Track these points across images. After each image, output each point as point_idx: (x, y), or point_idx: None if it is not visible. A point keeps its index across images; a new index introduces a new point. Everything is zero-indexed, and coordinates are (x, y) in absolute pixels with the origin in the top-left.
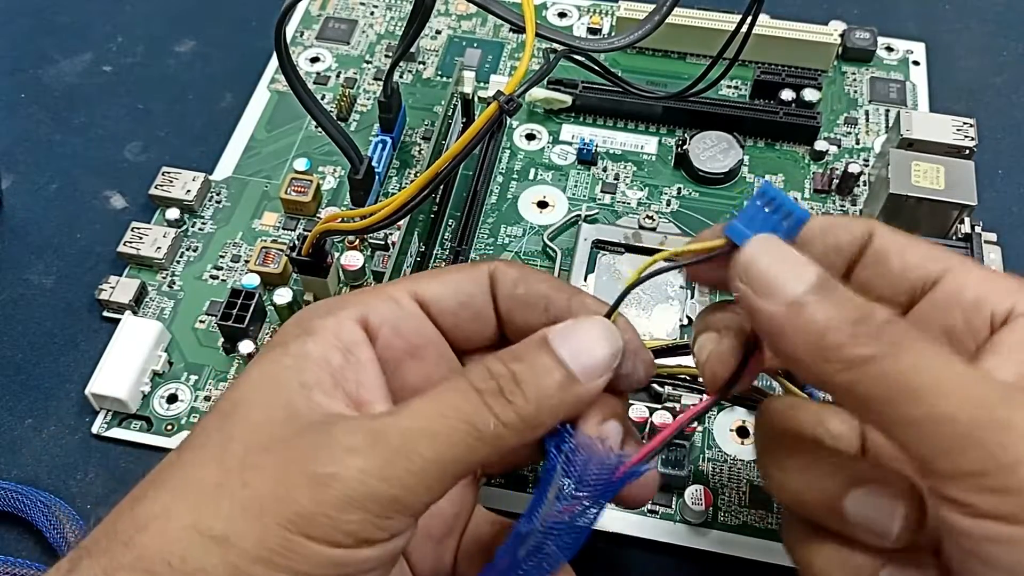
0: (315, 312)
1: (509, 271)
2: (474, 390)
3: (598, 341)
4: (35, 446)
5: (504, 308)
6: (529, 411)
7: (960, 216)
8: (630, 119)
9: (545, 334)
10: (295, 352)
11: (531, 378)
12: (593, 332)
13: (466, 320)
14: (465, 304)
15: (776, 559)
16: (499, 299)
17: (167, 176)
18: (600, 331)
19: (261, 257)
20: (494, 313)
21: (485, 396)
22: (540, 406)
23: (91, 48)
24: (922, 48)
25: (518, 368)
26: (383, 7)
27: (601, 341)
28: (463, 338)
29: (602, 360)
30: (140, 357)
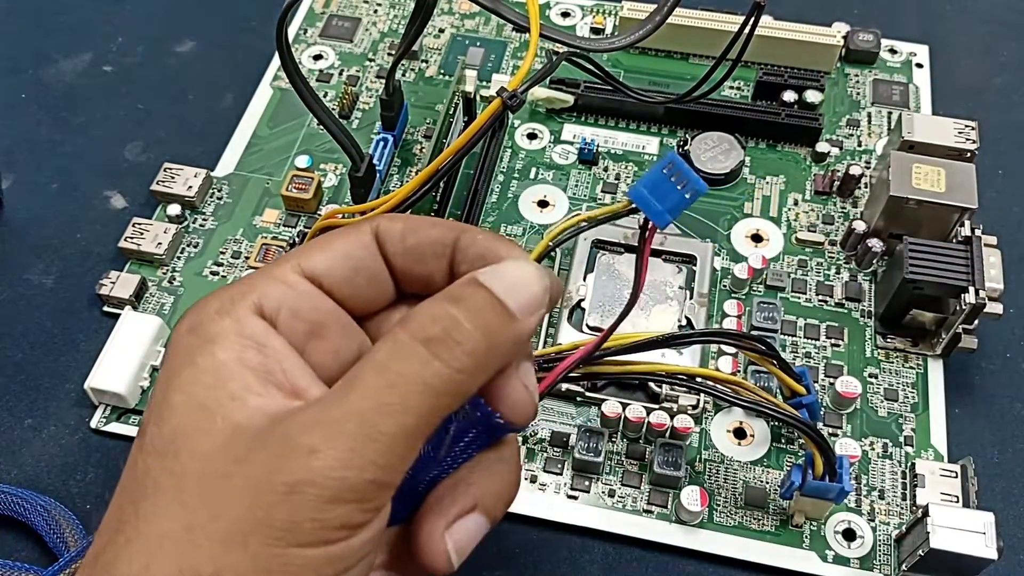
0: (205, 315)
1: (393, 225)
2: (418, 343)
3: (531, 277)
4: (35, 446)
5: (398, 264)
6: (480, 349)
7: (960, 219)
8: (632, 119)
9: (475, 276)
10: (207, 367)
11: (473, 317)
12: (524, 270)
13: (361, 286)
14: (357, 270)
15: (771, 560)
16: (390, 256)
17: (169, 172)
18: (530, 269)
19: (262, 254)
20: (388, 272)
21: (431, 346)
22: (489, 343)
23: (91, 48)
24: (926, 50)
25: (457, 310)
26: (386, 5)
27: (534, 277)
28: (362, 305)
29: (538, 295)
30: (140, 352)
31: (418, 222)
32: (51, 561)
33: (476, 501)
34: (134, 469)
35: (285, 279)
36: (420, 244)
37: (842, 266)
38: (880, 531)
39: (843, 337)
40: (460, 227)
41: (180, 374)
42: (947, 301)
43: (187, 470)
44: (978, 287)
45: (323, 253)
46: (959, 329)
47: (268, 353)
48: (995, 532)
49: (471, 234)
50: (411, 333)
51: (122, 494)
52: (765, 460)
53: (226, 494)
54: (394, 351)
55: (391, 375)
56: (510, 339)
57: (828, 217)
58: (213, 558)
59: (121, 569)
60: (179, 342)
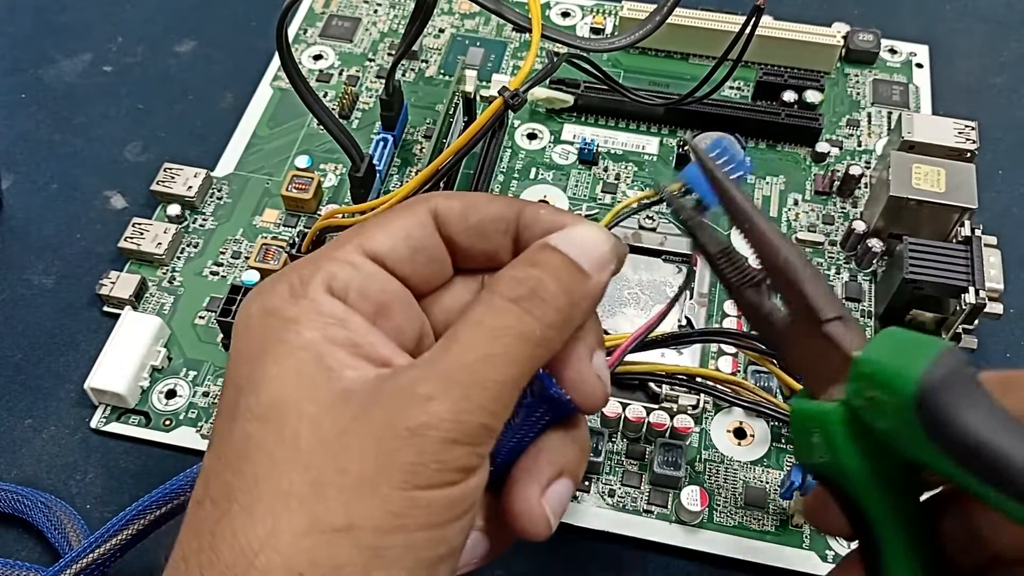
0: (277, 298)
1: (451, 203)
2: (510, 302)
3: (598, 238)
4: (35, 446)
5: (460, 241)
6: (563, 305)
7: (960, 219)
8: (631, 119)
9: (546, 241)
10: (298, 343)
11: (554, 276)
12: (589, 231)
13: (421, 265)
14: (417, 249)
15: (771, 560)
16: (452, 234)
17: (169, 172)
18: (595, 230)
19: (261, 254)
20: (446, 250)
21: (521, 304)
22: (571, 299)
23: (91, 48)
24: (925, 50)
25: (537, 272)
26: (386, 5)
27: (600, 238)
28: (421, 282)
29: (606, 253)
30: (139, 352)
31: (475, 199)
32: (53, 559)
33: (562, 467)
34: (229, 438)
35: (350, 260)
36: (483, 221)
37: (842, 266)
38: None
39: None
40: (519, 202)
41: (270, 351)
42: (947, 301)
43: (299, 432)
44: (978, 287)
45: (384, 233)
46: (959, 329)
47: (351, 328)
48: None
49: (533, 209)
50: (501, 294)
51: (219, 465)
52: (765, 460)
53: (349, 448)
54: (489, 310)
55: (491, 329)
56: (587, 295)
57: (828, 217)
58: (345, 508)
59: (247, 534)
60: (256, 324)
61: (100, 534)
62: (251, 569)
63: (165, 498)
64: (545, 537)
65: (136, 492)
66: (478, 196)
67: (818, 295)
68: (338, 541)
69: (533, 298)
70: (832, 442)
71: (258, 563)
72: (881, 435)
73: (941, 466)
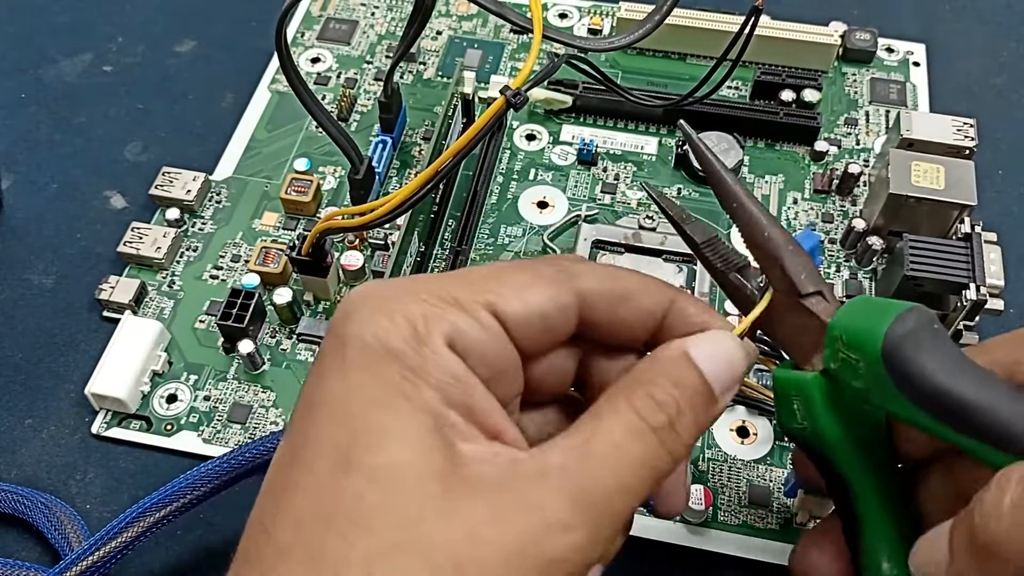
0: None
1: (602, 292)
2: (650, 430)
3: (737, 357)
4: (35, 446)
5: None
6: (691, 440)
7: (960, 216)
8: (630, 119)
9: (687, 352)
10: (418, 403)
11: (690, 404)
12: (730, 348)
13: (545, 341)
14: (547, 329)
15: (776, 559)
16: (591, 321)
17: (167, 176)
18: (736, 347)
19: (261, 257)
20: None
21: (659, 434)
22: (698, 432)
23: (91, 48)
24: (922, 49)
25: (678, 395)
26: (384, 8)
27: (739, 357)
28: (535, 352)
29: (738, 375)
30: (140, 357)
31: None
32: (53, 559)
33: None
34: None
35: (479, 316)
36: (632, 316)
37: (842, 264)
38: None
39: None
40: (673, 296)
41: (393, 405)
42: (948, 298)
43: (423, 517)
44: (979, 283)
45: (520, 303)
46: (960, 326)
47: (469, 392)
48: None
49: (683, 305)
50: (641, 416)
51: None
52: (768, 459)
53: (477, 559)
54: (630, 430)
55: (632, 457)
56: (711, 421)
57: (827, 215)
58: None
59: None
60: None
61: (102, 535)
62: None
63: (167, 500)
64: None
65: (136, 493)
66: (632, 281)
67: (798, 271)
68: None
69: (671, 431)
70: (811, 409)
71: None
72: (858, 395)
73: (913, 417)
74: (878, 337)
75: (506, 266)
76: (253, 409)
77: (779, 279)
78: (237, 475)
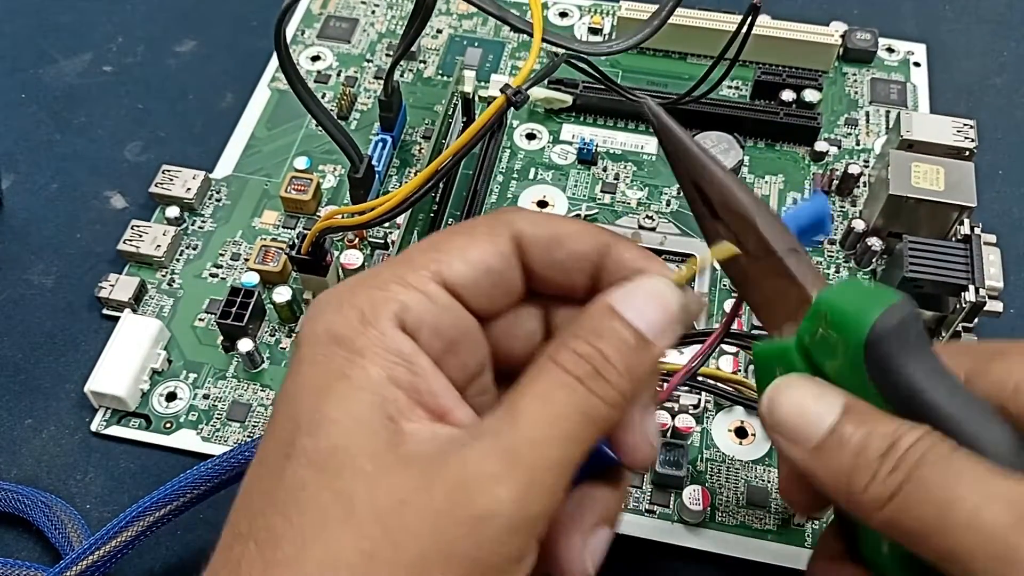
0: (346, 324)
1: (538, 233)
2: (575, 380)
3: (667, 298)
4: (35, 446)
5: (537, 272)
6: (625, 385)
7: (960, 217)
8: (630, 119)
9: (610, 304)
10: (362, 383)
11: (615, 352)
12: (659, 288)
13: (497, 296)
14: (496, 283)
15: (773, 559)
16: (531, 266)
17: (167, 174)
18: (663, 288)
19: (261, 255)
20: (521, 278)
21: (585, 382)
22: (632, 377)
23: (91, 48)
24: (923, 49)
25: (602, 345)
26: (384, 6)
27: (667, 298)
28: (491, 311)
29: (672, 316)
30: (139, 355)
31: (562, 228)
32: (53, 559)
33: (602, 516)
34: (281, 479)
35: (426, 289)
36: (567, 259)
37: (842, 265)
38: None
39: None
40: (608, 240)
41: (333, 387)
42: (947, 299)
43: (355, 492)
44: (978, 285)
45: (463, 262)
46: (959, 327)
47: (416, 372)
48: None
49: (620, 250)
50: (565, 368)
51: (268, 506)
52: (767, 459)
53: (406, 524)
54: (556, 384)
55: (558, 406)
56: (648, 365)
57: None
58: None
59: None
60: (322, 351)
61: (102, 534)
62: None
63: (166, 499)
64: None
65: (136, 492)
66: (566, 225)
67: (771, 231)
68: None
69: (597, 377)
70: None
71: None
72: (827, 373)
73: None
74: (865, 325)
75: (444, 233)
76: (252, 408)
77: (755, 243)
78: (236, 474)
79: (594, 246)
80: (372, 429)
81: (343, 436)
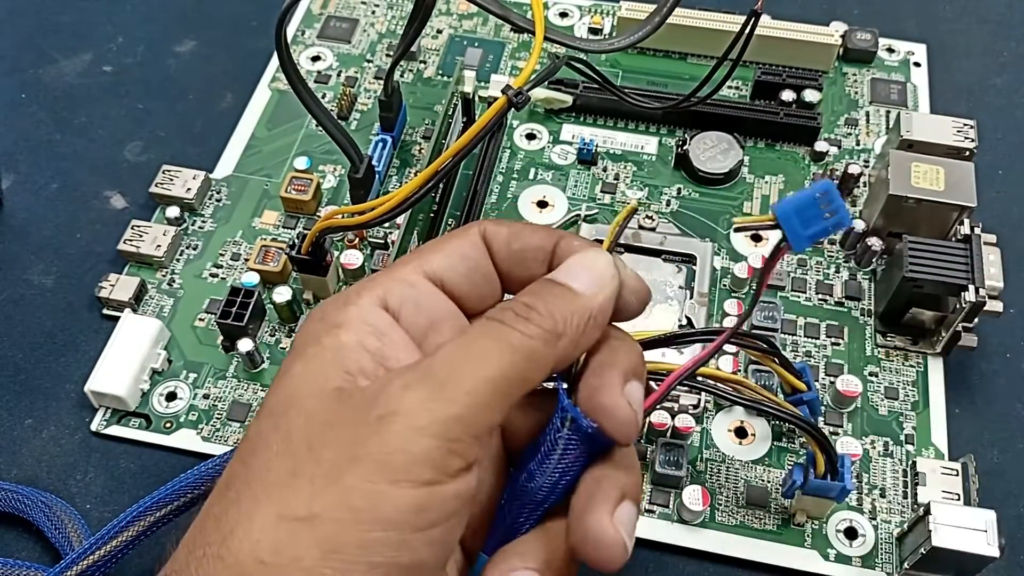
0: (334, 306)
1: (499, 229)
2: (495, 321)
3: (594, 260)
4: (35, 446)
5: (503, 266)
6: (546, 322)
7: (960, 217)
8: (630, 119)
9: (546, 276)
10: (330, 345)
11: (540, 300)
12: (588, 255)
13: (476, 285)
14: (472, 270)
15: (773, 559)
16: (496, 258)
17: (168, 174)
18: (594, 254)
19: (261, 255)
20: (496, 272)
21: (506, 322)
22: (554, 318)
23: (91, 48)
24: (923, 49)
25: (527, 299)
26: (384, 6)
27: (598, 261)
28: (474, 302)
29: (601, 272)
30: (139, 355)
31: (520, 228)
32: (54, 558)
33: (623, 491)
34: (247, 433)
35: (408, 279)
36: (523, 249)
37: (842, 265)
38: (882, 529)
39: (843, 336)
40: (559, 234)
41: (304, 351)
42: (947, 299)
43: (294, 425)
44: (978, 285)
45: (441, 254)
46: (959, 327)
47: (386, 342)
48: (996, 530)
49: (568, 241)
50: (491, 316)
51: (235, 456)
52: (766, 459)
53: (327, 438)
54: (479, 325)
55: (474, 336)
56: (578, 310)
57: None
58: (310, 499)
59: (229, 515)
60: (308, 328)
61: (103, 534)
62: (219, 553)
63: (166, 499)
64: (622, 562)
65: (136, 492)
66: (523, 225)
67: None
68: (300, 531)
69: (517, 318)
70: None
71: (226, 548)
72: None
73: None
74: None
75: (428, 241)
76: (252, 408)
77: None
78: None
79: (546, 239)
80: (325, 377)
81: (297, 383)
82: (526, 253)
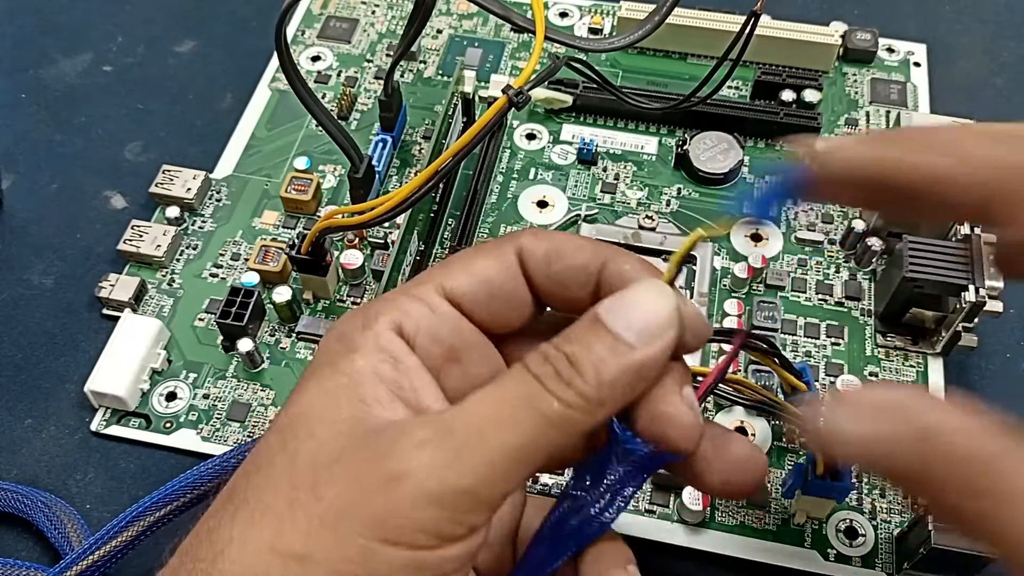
0: (351, 326)
1: (537, 246)
2: (532, 376)
3: (653, 303)
4: (35, 446)
5: (541, 288)
6: (590, 391)
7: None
8: (630, 119)
9: (596, 312)
10: (346, 369)
11: (586, 356)
12: (646, 295)
13: (501, 309)
14: (497, 294)
15: (773, 559)
16: (533, 279)
17: (168, 174)
18: (653, 293)
19: (261, 255)
20: (529, 292)
21: (544, 380)
22: (600, 383)
23: (91, 48)
24: (923, 49)
25: (572, 349)
26: (384, 6)
27: (656, 303)
28: (500, 324)
29: (658, 322)
30: (139, 355)
31: (562, 243)
32: (53, 559)
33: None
34: (255, 447)
35: (427, 299)
36: (564, 271)
37: (842, 265)
38: (882, 529)
39: (843, 336)
40: (607, 253)
41: (319, 372)
42: (947, 299)
43: (301, 450)
44: (978, 285)
45: (466, 274)
46: (959, 327)
47: (402, 370)
48: None
49: (619, 263)
50: (528, 367)
51: (241, 468)
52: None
53: (332, 478)
54: (511, 377)
55: (505, 394)
56: (630, 371)
57: (827, 216)
58: (307, 536)
59: (222, 532)
60: (325, 347)
61: (102, 534)
62: (214, 570)
63: (166, 499)
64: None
65: (136, 492)
66: (566, 239)
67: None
68: (290, 567)
69: (557, 379)
70: None
71: (220, 566)
72: None
73: None
74: None
75: (460, 252)
76: (252, 408)
77: None
78: None
79: (591, 259)
80: (337, 402)
81: (308, 405)
82: (567, 275)
